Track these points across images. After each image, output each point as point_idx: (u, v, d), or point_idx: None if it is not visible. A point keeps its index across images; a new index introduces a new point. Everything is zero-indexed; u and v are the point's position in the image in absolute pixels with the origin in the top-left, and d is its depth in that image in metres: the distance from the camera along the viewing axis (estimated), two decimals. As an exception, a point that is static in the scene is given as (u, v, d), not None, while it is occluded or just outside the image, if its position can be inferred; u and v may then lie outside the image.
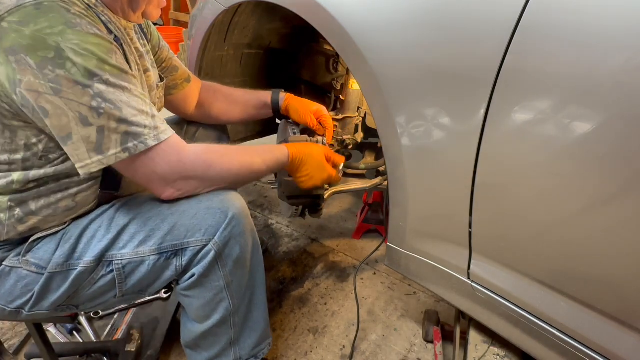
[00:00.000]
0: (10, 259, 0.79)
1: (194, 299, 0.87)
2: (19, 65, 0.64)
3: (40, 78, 0.64)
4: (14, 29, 0.63)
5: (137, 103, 0.72)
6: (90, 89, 0.67)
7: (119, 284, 0.81)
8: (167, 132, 0.76)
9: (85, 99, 0.67)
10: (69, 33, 0.64)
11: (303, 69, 1.52)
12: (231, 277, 0.86)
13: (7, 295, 0.79)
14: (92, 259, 0.78)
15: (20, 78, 0.64)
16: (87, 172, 0.71)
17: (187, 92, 1.15)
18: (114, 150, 0.70)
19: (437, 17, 0.76)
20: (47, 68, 0.64)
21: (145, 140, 0.72)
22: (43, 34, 0.63)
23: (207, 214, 0.81)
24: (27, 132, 0.72)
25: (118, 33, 0.78)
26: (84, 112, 0.67)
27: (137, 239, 0.80)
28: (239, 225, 0.83)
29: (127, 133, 0.70)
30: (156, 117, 0.75)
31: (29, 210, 0.77)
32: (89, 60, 0.66)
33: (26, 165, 0.75)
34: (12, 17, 0.63)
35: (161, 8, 0.87)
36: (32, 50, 0.63)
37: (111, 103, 0.68)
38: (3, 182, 0.74)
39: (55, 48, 0.64)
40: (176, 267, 0.82)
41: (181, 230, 0.80)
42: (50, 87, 0.65)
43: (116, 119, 0.69)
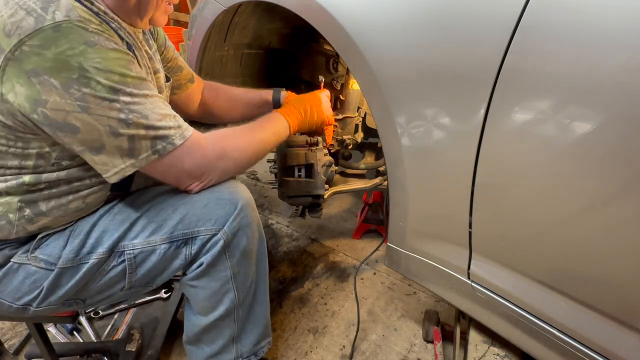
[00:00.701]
0: (18, 256, 0.79)
1: (200, 290, 0.89)
2: (43, 87, 0.66)
3: (67, 97, 0.67)
4: (35, 53, 0.64)
5: (160, 107, 0.75)
6: (117, 102, 0.70)
7: (128, 274, 0.83)
8: (188, 129, 0.80)
9: (113, 113, 0.70)
10: (90, 52, 0.67)
11: (303, 69, 1.52)
12: (238, 268, 0.88)
13: (15, 292, 0.80)
14: (104, 250, 0.80)
15: (46, 98, 0.66)
16: (121, 176, 0.75)
17: (190, 92, 1.16)
18: (145, 153, 0.74)
19: (437, 17, 0.76)
20: (72, 88, 0.66)
21: (173, 141, 0.76)
22: (65, 55, 0.65)
23: (217, 204, 0.83)
24: (41, 143, 0.74)
25: (129, 39, 0.80)
26: (113, 124, 0.70)
27: (149, 229, 0.82)
28: (247, 217, 0.86)
29: (156, 137, 0.74)
30: (177, 117, 0.79)
31: (39, 210, 0.78)
32: (112, 76, 0.69)
33: (38, 170, 0.76)
34: (32, 41, 0.64)
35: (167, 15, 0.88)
36: (55, 72, 0.65)
37: (138, 112, 0.72)
38: (14, 183, 0.75)
39: (78, 68, 0.66)
40: (185, 256, 0.84)
41: (193, 219, 0.83)
42: (78, 106, 0.68)
43: (144, 126, 0.72)
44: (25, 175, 0.76)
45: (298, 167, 1.16)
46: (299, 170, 1.16)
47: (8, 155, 0.74)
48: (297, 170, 1.16)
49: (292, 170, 1.16)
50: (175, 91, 1.12)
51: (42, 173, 0.76)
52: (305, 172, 1.16)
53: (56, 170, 0.77)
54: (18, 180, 0.75)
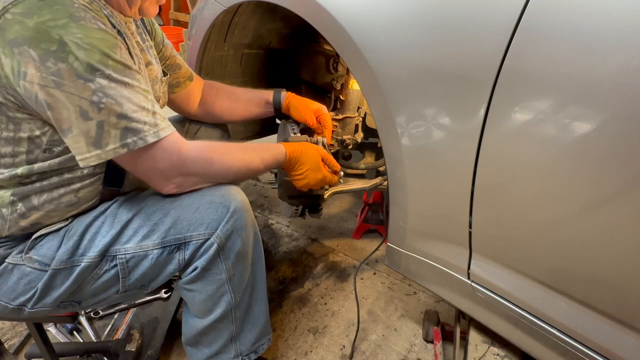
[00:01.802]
0: (13, 256, 0.79)
1: (196, 293, 0.88)
2: (23, 58, 0.64)
3: (43, 71, 0.64)
4: (17, 21, 0.63)
5: (139, 99, 0.72)
6: (92, 83, 0.66)
7: (122, 279, 0.82)
8: (166, 130, 0.76)
9: (86, 94, 0.67)
10: (73, 26, 0.64)
11: (303, 69, 1.52)
12: (233, 270, 0.87)
13: (10, 292, 0.79)
14: (96, 254, 0.78)
15: (25, 70, 0.64)
16: (86, 165, 0.72)
17: (189, 91, 1.15)
18: (113, 145, 0.70)
19: (437, 17, 0.76)
20: (49, 61, 0.64)
21: (145, 137, 0.72)
22: (46, 26, 0.63)
23: (209, 207, 0.82)
24: (31, 125, 0.72)
25: (120, 27, 0.78)
26: (84, 106, 0.67)
27: (141, 233, 0.81)
28: (240, 219, 0.84)
29: (127, 129, 0.70)
30: (157, 114, 0.75)
31: (32, 205, 0.77)
32: (91, 55, 0.66)
33: (30, 159, 0.75)
34: (16, 8, 0.63)
35: (160, 5, 0.87)
36: (35, 43, 0.63)
37: (112, 98, 0.68)
38: (7, 175, 0.75)
39: (58, 41, 0.63)
40: (179, 260, 0.83)
41: (184, 224, 0.81)
42: (52, 80, 0.65)
43: (116, 114, 0.69)
44: (19, 167, 0.75)
45: None
46: None
47: (1, 141, 0.73)
48: None
49: (292, 170, 1.16)
50: (175, 89, 1.12)
51: (34, 162, 0.75)
52: None
53: (48, 158, 0.76)
54: (11, 172, 0.75)
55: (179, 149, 0.78)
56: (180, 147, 0.78)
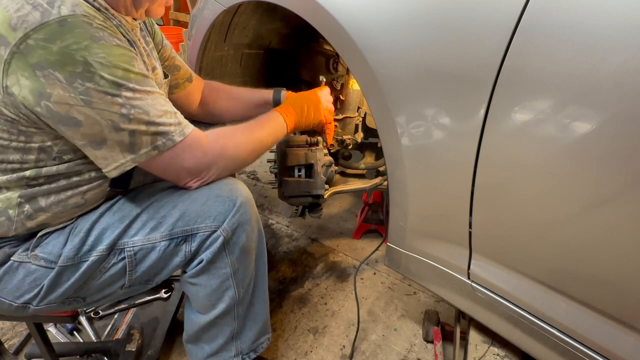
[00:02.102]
0: (18, 254, 0.80)
1: (200, 287, 0.89)
2: (47, 80, 0.66)
3: (70, 91, 0.68)
4: (40, 46, 0.65)
5: (160, 104, 0.76)
6: (119, 97, 0.71)
7: (129, 272, 0.83)
8: (188, 126, 0.81)
9: (115, 108, 0.71)
10: (95, 47, 0.68)
11: (303, 69, 1.52)
12: (237, 265, 0.88)
13: (15, 290, 0.80)
14: (104, 248, 0.80)
15: (50, 91, 0.67)
16: (121, 171, 0.76)
17: (189, 91, 1.16)
18: (145, 149, 0.75)
19: (437, 17, 0.76)
20: (76, 82, 0.67)
21: (173, 137, 0.77)
22: (70, 50, 0.66)
23: (216, 201, 0.84)
24: (43, 137, 0.75)
25: (129, 36, 0.80)
26: (115, 119, 0.71)
27: (149, 226, 0.82)
28: (246, 213, 0.86)
29: (156, 133, 0.75)
30: (177, 113, 0.80)
31: (39, 206, 0.78)
32: (115, 72, 0.70)
33: (39, 165, 0.77)
34: (38, 34, 0.65)
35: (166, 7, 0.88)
36: (60, 66, 0.66)
37: (139, 108, 0.73)
38: (14, 177, 0.76)
39: (82, 62, 0.67)
40: (185, 253, 0.84)
41: (192, 216, 0.83)
42: (81, 99, 0.68)
43: (145, 122, 0.73)
44: (27, 170, 0.76)
45: (298, 167, 1.16)
46: (299, 170, 1.16)
47: (10, 149, 0.74)
48: (297, 170, 1.16)
49: (292, 170, 1.16)
50: (174, 90, 1.12)
51: (42, 167, 0.77)
52: (305, 172, 1.16)
53: (57, 164, 0.77)
54: (19, 174, 0.76)
55: (201, 142, 0.82)
56: (201, 141, 0.82)
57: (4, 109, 0.70)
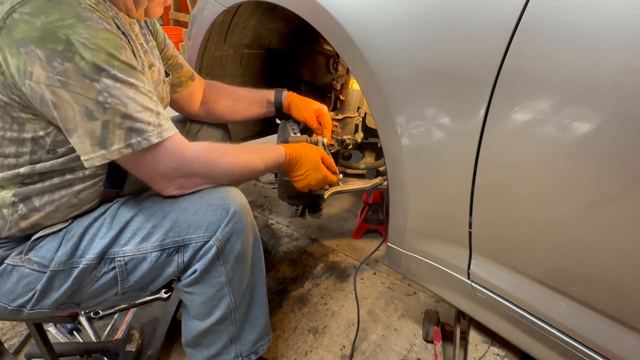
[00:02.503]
0: (12, 257, 0.79)
1: (196, 296, 0.88)
2: (29, 57, 0.64)
3: (49, 70, 0.65)
4: (24, 20, 0.63)
5: (143, 100, 0.72)
6: (97, 83, 0.67)
7: (120, 281, 0.82)
8: (170, 130, 0.76)
9: (91, 93, 0.67)
10: (80, 27, 0.65)
11: (303, 69, 1.52)
12: (232, 273, 0.87)
13: (9, 294, 0.79)
14: (94, 256, 0.78)
15: (31, 70, 0.65)
16: (91, 165, 0.72)
17: (191, 91, 1.15)
18: (118, 145, 0.71)
19: (437, 17, 0.76)
20: (55, 60, 0.64)
21: (149, 137, 0.72)
22: (53, 26, 0.63)
23: (208, 210, 0.82)
24: (35, 125, 0.73)
25: (124, 29, 0.78)
26: (90, 106, 0.67)
27: (140, 235, 0.80)
28: (240, 221, 0.84)
29: (131, 129, 0.71)
30: (161, 115, 0.76)
31: (33, 206, 0.77)
32: (97, 55, 0.66)
33: (33, 159, 0.75)
34: (24, 7, 0.63)
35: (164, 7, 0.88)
36: (41, 42, 0.63)
37: (117, 98, 0.69)
38: (9, 174, 0.75)
39: (65, 41, 0.64)
40: (178, 263, 0.83)
41: (183, 226, 0.81)
42: (58, 80, 0.65)
43: (121, 114, 0.69)
44: (21, 166, 0.75)
45: None
46: None
47: (5, 141, 0.73)
48: None
49: (292, 170, 1.16)
50: (177, 89, 1.12)
51: (37, 163, 0.75)
52: None
53: (51, 158, 0.76)
54: (14, 172, 0.75)
55: (182, 150, 0.78)
56: (183, 148, 0.78)
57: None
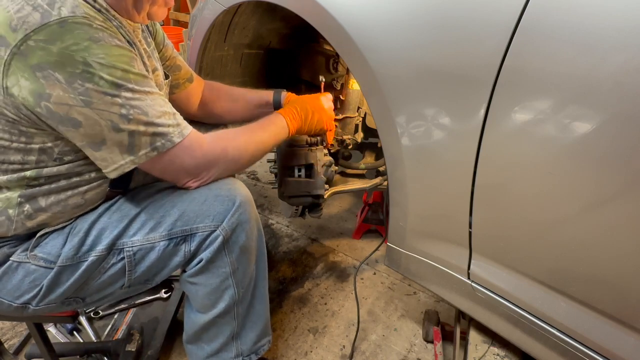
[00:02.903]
0: (17, 254, 0.80)
1: (200, 287, 0.89)
2: (47, 81, 0.67)
3: (70, 92, 0.68)
4: (40, 47, 0.65)
5: (159, 105, 0.76)
6: (119, 98, 0.71)
7: (128, 272, 0.83)
8: (187, 128, 0.81)
9: (115, 108, 0.71)
10: (94, 48, 0.68)
11: (303, 69, 1.52)
12: (237, 264, 0.88)
13: (15, 290, 0.80)
14: (103, 248, 0.80)
15: (50, 92, 0.67)
16: (121, 172, 0.76)
17: (189, 91, 1.16)
18: (145, 150, 0.75)
19: (437, 17, 0.76)
20: (76, 82, 0.68)
21: (172, 138, 0.77)
22: (70, 50, 0.66)
23: (215, 201, 0.84)
24: (44, 138, 0.75)
25: (129, 37, 0.80)
26: (114, 119, 0.71)
27: (148, 226, 0.83)
28: (245, 213, 0.86)
29: (155, 134, 0.75)
30: (176, 114, 0.80)
31: (39, 206, 0.78)
32: (114, 72, 0.70)
33: (40, 165, 0.77)
34: (38, 35, 0.65)
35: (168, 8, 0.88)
36: (60, 67, 0.66)
37: (138, 108, 0.73)
38: (15, 177, 0.76)
39: (82, 63, 0.67)
40: (185, 252, 0.85)
41: (191, 215, 0.83)
42: (81, 100, 0.69)
43: (144, 122, 0.74)
44: (27, 170, 0.76)
45: (298, 167, 1.16)
46: (299, 170, 1.16)
47: (11, 150, 0.75)
48: (297, 170, 1.16)
49: (292, 170, 1.16)
50: (174, 90, 1.12)
51: (43, 168, 0.77)
52: (305, 172, 1.16)
53: (58, 164, 0.78)
54: (20, 174, 0.76)
55: (200, 144, 0.82)
56: (201, 142, 0.82)
57: (5, 110, 0.70)
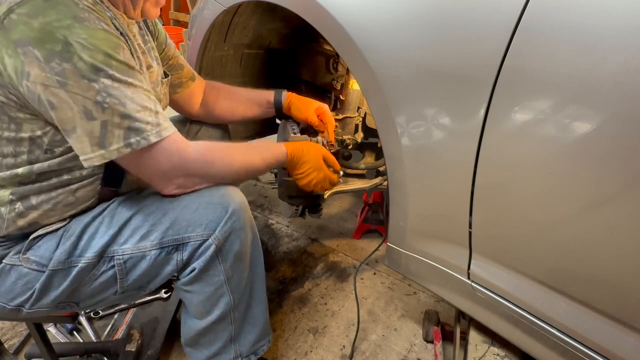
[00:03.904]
0: (10, 257, 0.79)
1: (195, 294, 0.88)
2: (27, 58, 0.64)
3: (47, 71, 0.65)
4: (22, 21, 0.63)
5: (141, 99, 0.72)
6: (96, 83, 0.67)
7: (120, 280, 0.82)
8: (169, 129, 0.76)
9: (90, 93, 0.67)
10: (77, 27, 0.65)
11: (303, 69, 1.52)
12: (231, 272, 0.87)
13: (7, 293, 0.79)
14: (93, 255, 0.78)
15: (28, 70, 0.65)
16: (90, 165, 0.72)
17: (191, 91, 1.16)
18: (117, 145, 0.71)
19: (437, 17, 0.76)
20: (54, 61, 0.64)
21: (148, 137, 0.73)
22: (51, 26, 0.64)
23: (207, 208, 0.82)
24: (32, 125, 0.73)
25: (122, 29, 0.78)
26: (88, 106, 0.68)
27: (139, 233, 0.81)
28: (239, 220, 0.84)
29: (130, 128, 0.71)
30: (159, 114, 0.76)
31: (30, 204, 0.78)
32: (95, 55, 0.66)
33: (31, 159, 0.76)
34: (21, 9, 0.63)
35: (160, 7, 0.88)
36: (39, 43, 0.64)
37: (115, 98, 0.69)
38: (7, 175, 0.76)
39: (62, 41, 0.64)
40: (177, 261, 0.83)
41: (182, 224, 0.81)
42: (57, 80, 0.65)
43: (120, 114, 0.70)
44: (20, 167, 0.75)
45: None
46: None
47: (2, 140, 0.74)
48: None
49: (292, 170, 1.16)
50: (177, 89, 1.12)
51: (35, 163, 0.76)
52: None
53: (49, 158, 0.76)
54: (12, 172, 0.75)
55: (181, 149, 0.78)
56: (181, 148, 0.79)
57: None
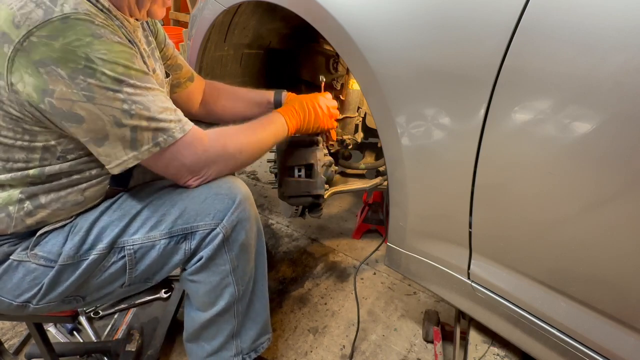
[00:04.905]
0: (17, 253, 0.80)
1: (200, 285, 0.89)
2: (50, 76, 0.68)
3: (73, 87, 0.69)
4: (43, 43, 0.66)
5: (161, 100, 0.77)
6: (120, 93, 0.72)
7: (129, 270, 0.84)
8: (189, 123, 0.81)
9: (117, 103, 0.72)
10: (96, 44, 0.69)
11: (303, 69, 1.52)
12: (237, 262, 0.89)
13: (15, 289, 0.80)
14: (104, 246, 0.80)
15: (52, 88, 0.68)
16: (124, 168, 0.77)
17: (190, 91, 1.16)
18: (147, 145, 0.76)
19: (437, 17, 0.76)
20: (78, 78, 0.69)
21: (173, 134, 0.78)
22: (72, 46, 0.67)
23: (215, 199, 0.85)
24: (47, 136, 0.76)
25: (130, 36, 0.81)
26: (117, 115, 0.72)
27: (149, 224, 0.83)
28: (245, 211, 0.87)
29: (157, 129, 0.76)
30: (177, 110, 0.81)
31: (39, 203, 0.79)
32: (116, 68, 0.71)
33: (43, 164, 0.78)
34: (41, 31, 0.66)
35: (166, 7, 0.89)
36: (62, 62, 0.67)
37: (140, 104, 0.74)
38: (18, 175, 0.77)
39: (84, 59, 0.68)
40: (185, 250, 0.85)
41: (191, 214, 0.84)
42: (84, 95, 0.70)
43: (146, 117, 0.74)
44: (31, 169, 0.77)
45: (298, 167, 1.16)
46: (299, 170, 1.16)
47: (15, 148, 0.75)
48: (297, 170, 1.16)
49: (292, 170, 1.16)
50: (175, 90, 1.13)
51: (46, 166, 0.78)
52: (305, 172, 1.16)
53: (60, 162, 0.78)
54: (23, 173, 0.77)
55: (201, 139, 0.83)
56: (202, 138, 0.83)
57: (9, 108, 0.71)
